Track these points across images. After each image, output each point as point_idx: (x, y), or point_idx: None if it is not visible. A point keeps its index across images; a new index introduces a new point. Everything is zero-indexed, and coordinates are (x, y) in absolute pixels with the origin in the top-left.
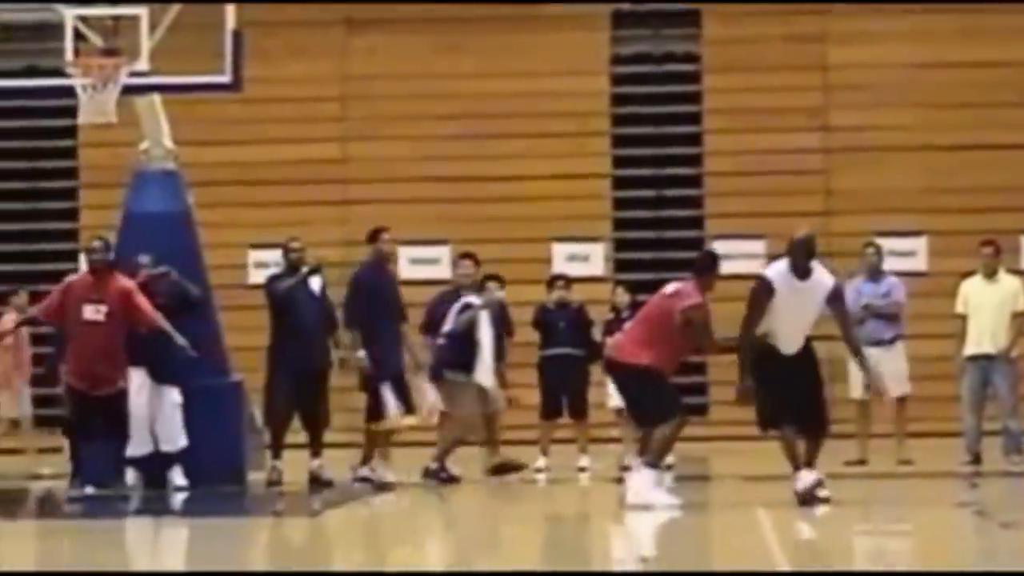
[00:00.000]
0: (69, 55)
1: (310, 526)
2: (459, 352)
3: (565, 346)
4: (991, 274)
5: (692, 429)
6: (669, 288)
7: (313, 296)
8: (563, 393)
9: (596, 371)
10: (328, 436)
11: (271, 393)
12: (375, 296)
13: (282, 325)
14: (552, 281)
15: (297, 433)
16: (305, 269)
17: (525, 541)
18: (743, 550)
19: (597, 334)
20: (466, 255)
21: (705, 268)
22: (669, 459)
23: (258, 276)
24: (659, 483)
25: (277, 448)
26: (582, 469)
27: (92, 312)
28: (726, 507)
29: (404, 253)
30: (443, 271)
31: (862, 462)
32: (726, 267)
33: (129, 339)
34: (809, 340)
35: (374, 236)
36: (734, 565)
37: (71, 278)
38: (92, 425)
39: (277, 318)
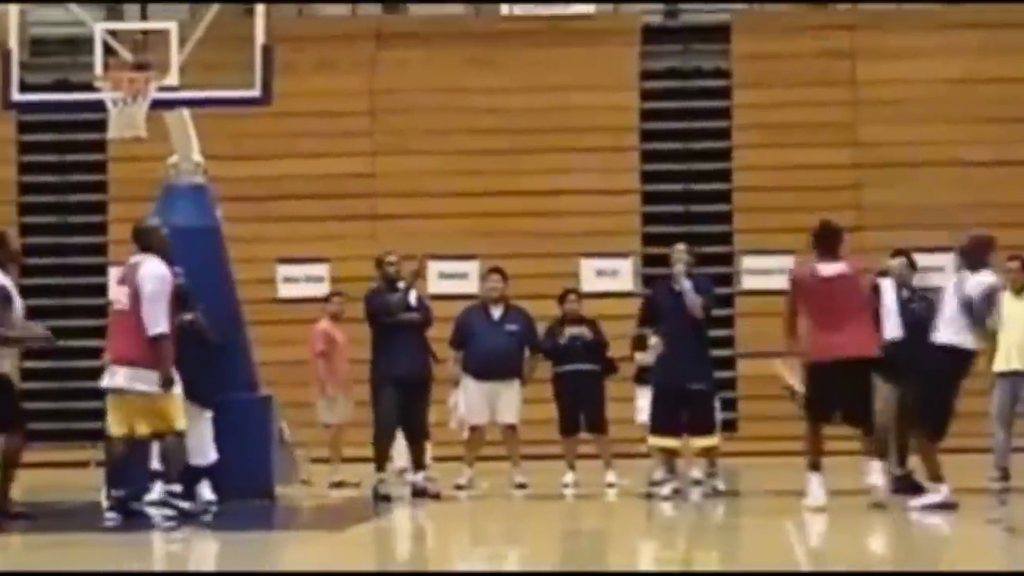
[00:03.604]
0: (99, 69)
1: (337, 541)
2: None
3: (579, 362)
4: (1020, 290)
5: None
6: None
7: (411, 307)
8: (579, 409)
9: (622, 387)
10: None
11: (376, 407)
12: (657, 309)
13: (381, 339)
14: (564, 296)
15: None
16: (402, 284)
17: (546, 553)
18: (768, 562)
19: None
20: (494, 270)
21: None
22: (697, 474)
23: (286, 290)
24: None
25: (380, 461)
26: (610, 485)
27: None
28: (754, 520)
29: (432, 268)
30: (471, 286)
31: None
32: (754, 283)
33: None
34: None
35: None
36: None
37: None
38: None
39: (376, 332)
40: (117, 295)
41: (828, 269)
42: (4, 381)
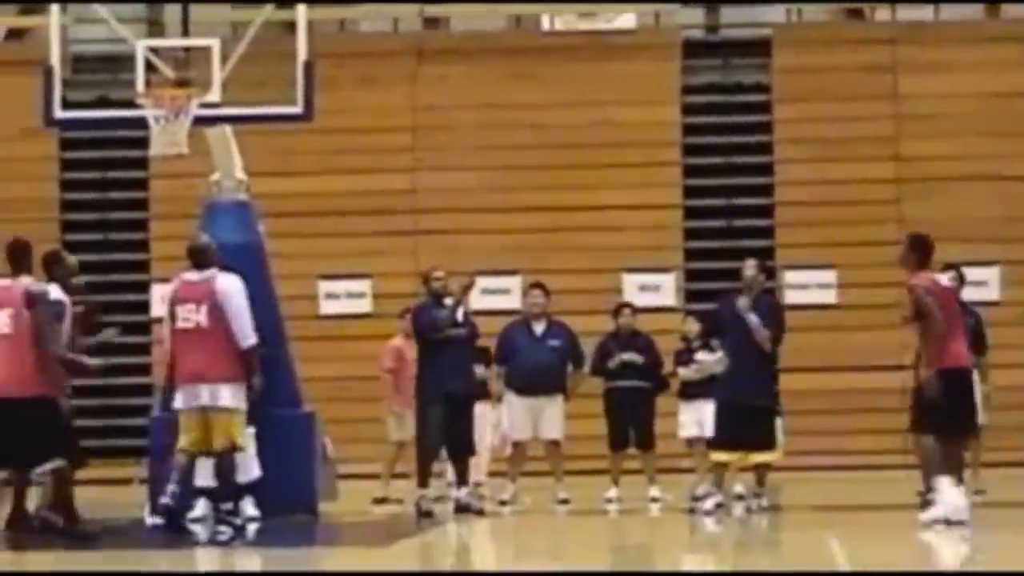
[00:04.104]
0: (140, 86)
1: (381, 557)
2: None
3: (630, 379)
4: None
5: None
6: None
7: (457, 323)
8: (629, 424)
9: (665, 402)
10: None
11: (420, 422)
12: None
13: (429, 355)
14: (618, 309)
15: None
16: (450, 300)
17: (590, 568)
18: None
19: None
20: (536, 285)
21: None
22: (740, 489)
23: (328, 307)
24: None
25: (423, 477)
26: (654, 499)
27: None
28: (798, 534)
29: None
30: (514, 301)
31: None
32: (796, 297)
33: None
34: None
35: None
36: None
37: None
38: None
39: (424, 348)
40: (188, 314)
41: (943, 279)
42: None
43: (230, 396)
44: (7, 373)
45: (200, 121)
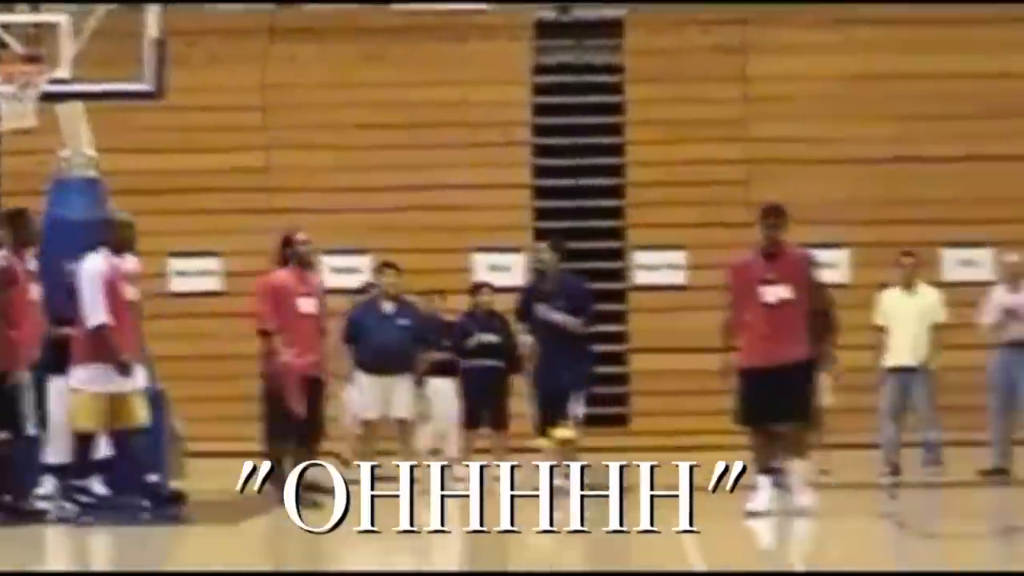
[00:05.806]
0: None
1: (228, 535)
2: None
3: (485, 358)
4: (910, 286)
5: (613, 439)
6: None
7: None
8: (482, 405)
9: (518, 381)
10: None
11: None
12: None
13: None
14: (477, 288)
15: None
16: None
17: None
18: (661, 561)
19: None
20: (387, 264)
21: None
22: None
23: (179, 284)
24: None
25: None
26: (496, 479)
27: None
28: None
29: (325, 262)
30: (364, 280)
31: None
32: (646, 278)
33: (49, 346)
34: None
35: None
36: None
37: None
38: None
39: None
40: None
41: None
42: None
43: (78, 377)
44: None
45: (50, 97)
